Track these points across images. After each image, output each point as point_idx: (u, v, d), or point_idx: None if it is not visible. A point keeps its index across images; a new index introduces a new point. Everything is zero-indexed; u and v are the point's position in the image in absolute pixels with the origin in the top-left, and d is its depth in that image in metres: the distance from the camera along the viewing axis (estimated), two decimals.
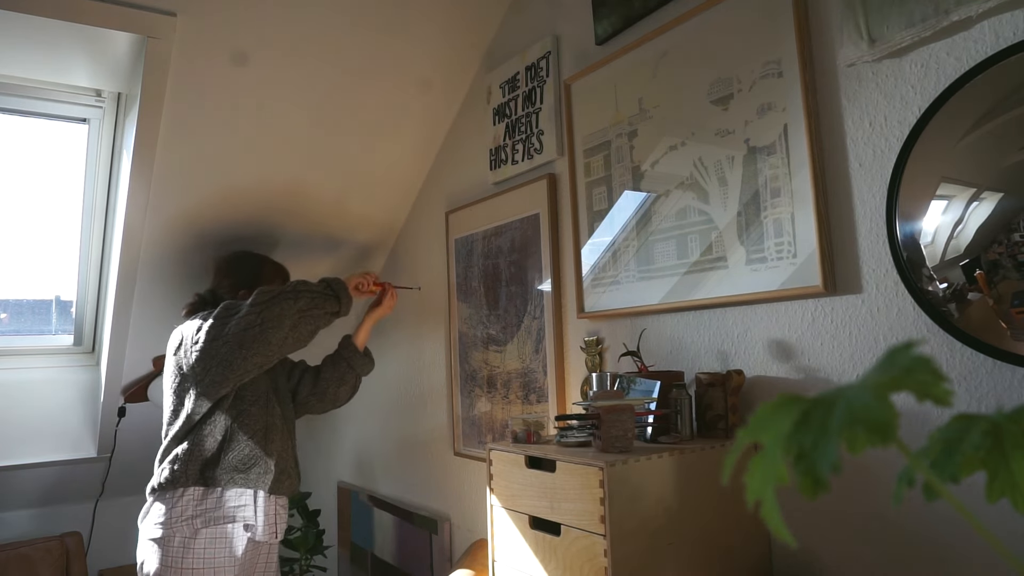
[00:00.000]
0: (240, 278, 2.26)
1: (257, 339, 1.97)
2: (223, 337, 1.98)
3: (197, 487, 1.96)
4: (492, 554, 1.60)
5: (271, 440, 2.07)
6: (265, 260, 2.36)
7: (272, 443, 2.07)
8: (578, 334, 2.00)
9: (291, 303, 2.01)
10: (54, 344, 2.86)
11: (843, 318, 1.38)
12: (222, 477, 1.97)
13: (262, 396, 2.09)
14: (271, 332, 1.97)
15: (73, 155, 2.62)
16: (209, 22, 1.98)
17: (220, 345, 1.97)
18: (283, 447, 2.11)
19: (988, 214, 1.14)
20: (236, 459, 1.99)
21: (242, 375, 1.99)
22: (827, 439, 0.41)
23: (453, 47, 2.40)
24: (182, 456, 1.97)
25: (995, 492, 0.47)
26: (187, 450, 1.98)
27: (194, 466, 1.96)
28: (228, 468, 1.98)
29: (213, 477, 1.97)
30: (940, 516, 1.22)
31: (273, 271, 2.34)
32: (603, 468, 1.28)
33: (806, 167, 1.40)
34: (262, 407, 2.08)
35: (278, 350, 2.01)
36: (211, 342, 1.98)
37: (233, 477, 1.98)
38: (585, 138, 1.97)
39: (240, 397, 2.05)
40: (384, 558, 2.90)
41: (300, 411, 2.29)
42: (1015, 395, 1.15)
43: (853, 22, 1.34)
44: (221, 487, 1.97)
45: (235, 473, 1.98)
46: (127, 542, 3.21)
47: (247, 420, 2.04)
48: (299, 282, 2.10)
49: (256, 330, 1.97)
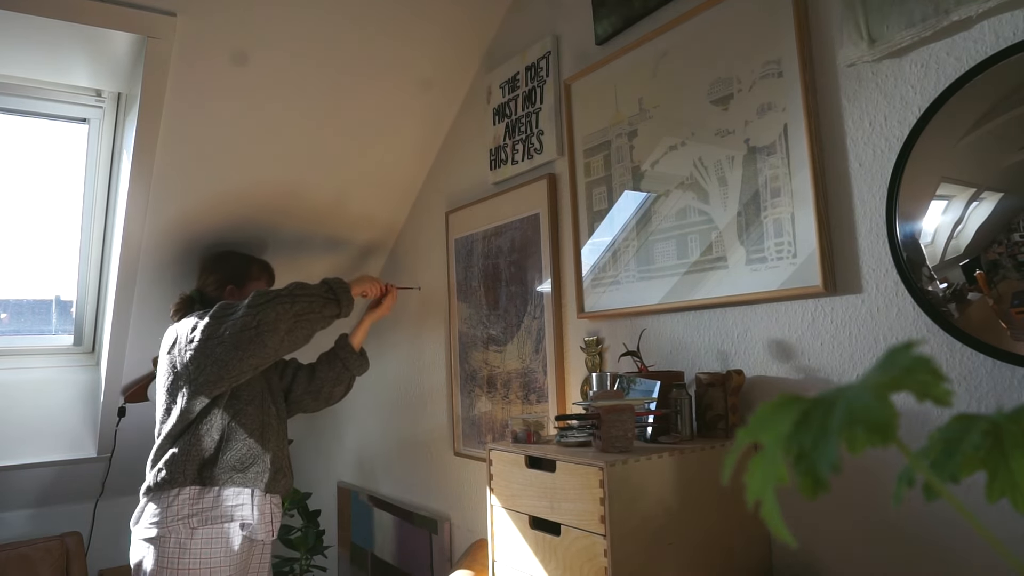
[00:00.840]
0: (226, 275, 2.27)
1: (253, 341, 1.95)
2: (218, 337, 1.97)
3: (194, 487, 1.95)
4: (492, 554, 1.60)
5: (267, 439, 2.07)
6: (251, 259, 2.37)
7: (268, 442, 2.07)
8: (578, 334, 2.00)
9: (287, 306, 2.00)
10: (54, 344, 2.86)
11: (843, 318, 1.38)
12: (220, 476, 1.97)
13: (257, 395, 2.09)
14: (267, 335, 1.96)
15: (73, 155, 2.62)
16: (209, 22, 1.98)
17: (215, 344, 1.96)
18: (278, 446, 2.11)
19: (988, 214, 1.14)
20: (234, 458, 1.99)
21: (237, 376, 1.99)
22: (827, 439, 0.41)
23: (453, 47, 2.40)
24: (179, 456, 1.96)
25: (995, 492, 0.47)
26: (184, 450, 1.97)
27: (192, 466, 1.96)
28: (226, 467, 1.98)
29: (211, 476, 1.96)
30: (940, 516, 1.22)
31: (259, 269, 2.35)
32: (603, 468, 1.28)
33: (806, 167, 1.40)
34: (258, 406, 2.08)
35: (274, 353, 2.00)
36: (206, 341, 1.97)
37: (231, 476, 1.98)
38: (585, 138, 1.97)
39: (236, 396, 2.05)
40: (384, 558, 2.90)
41: (293, 410, 2.29)
42: (1015, 395, 1.15)
43: (853, 22, 1.34)
44: (219, 486, 1.96)
45: (233, 472, 1.98)
46: (127, 542, 3.21)
47: (244, 419, 2.04)
48: (297, 285, 2.08)
49: (252, 332, 1.95)
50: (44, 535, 2.98)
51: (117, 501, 3.19)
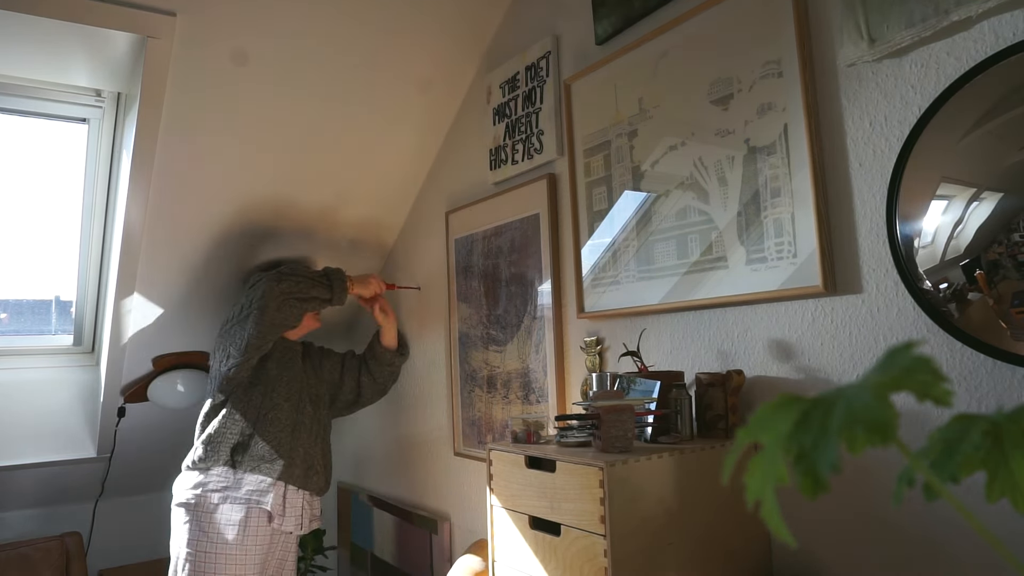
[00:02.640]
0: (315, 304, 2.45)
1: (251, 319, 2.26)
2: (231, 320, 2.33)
3: (225, 467, 2.18)
4: (492, 554, 1.60)
5: (298, 437, 2.28)
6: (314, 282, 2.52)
7: (299, 440, 2.28)
8: (578, 334, 2.00)
9: (274, 284, 2.26)
10: (54, 344, 2.86)
11: (843, 318, 1.38)
12: (248, 462, 2.18)
13: (295, 394, 2.34)
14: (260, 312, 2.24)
15: (73, 155, 2.62)
16: (209, 22, 1.98)
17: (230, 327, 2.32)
18: (311, 444, 2.32)
19: (988, 214, 1.14)
20: (264, 448, 2.21)
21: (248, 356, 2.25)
22: (827, 439, 0.41)
23: (453, 47, 2.40)
24: (214, 437, 2.21)
25: (995, 492, 0.47)
26: (219, 431, 2.22)
27: (225, 447, 2.19)
28: (255, 456, 2.19)
29: (241, 461, 2.18)
30: (940, 516, 1.22)
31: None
32: (603, 468, 1.28)
33: (806, 167, 1.40)
34: (294, 404, 2.32)
35: (269, 332, 2.27)
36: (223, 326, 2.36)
37: (259, 465, 2.19)
38: (585, 138, 1.97)
39: (272, 391, 2.29)
40: (384, 558, 2.90)
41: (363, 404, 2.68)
42: (1015, 395, 1.15)
43: (853, 22, 1.34)
44: (245, 471, 2.17)
45: (261, 462, 2.19)
46: (127, 542, 3.22)
47: (278, 414, 2.27)
48: (288, 267, 2.36)
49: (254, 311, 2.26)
50: (44, 535, 2.98)
51: (117, 501, 3.19)
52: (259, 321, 2.23)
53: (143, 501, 3.22)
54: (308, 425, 2.31)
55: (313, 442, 2.32)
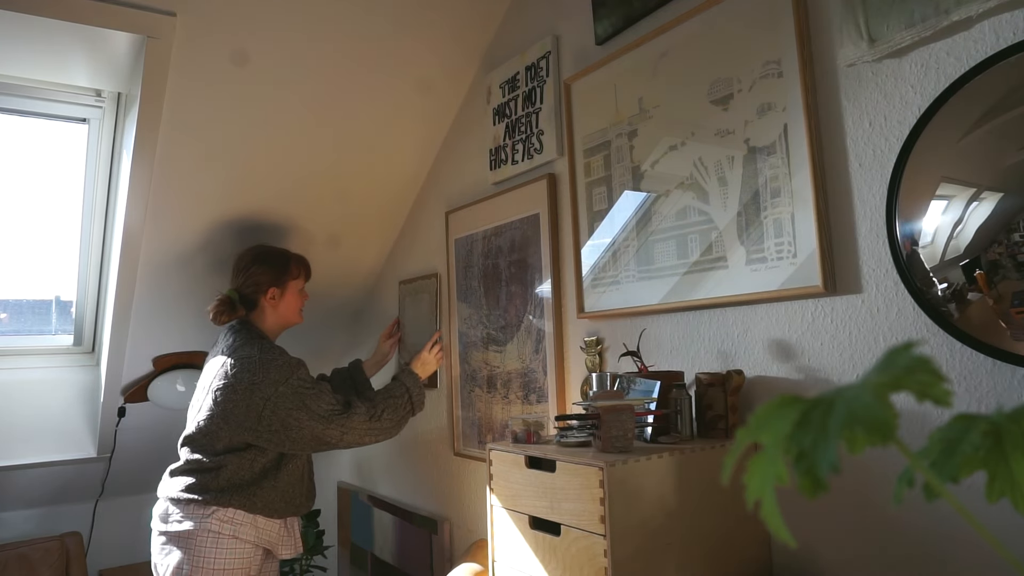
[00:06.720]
0: (269, 278, 2.27)
1: (326, 446, 2.09)
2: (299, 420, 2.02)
3: (228, 508, 2.03)
4: (492, 554, 1.60)
5: (307, 474, 2.22)
6: (289, 255, 2.35)
7: (307, 476, 2.22)
8: (578, 334, 2.00)
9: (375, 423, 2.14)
10: (54, 344, 2.87)
11: (843, 318, 1.38)
12: (257, 504, 2.05)
13: None
14: (339, 444, 2.09)
15: (73, 155, 2.62)
16: (209, 22, 1.98)
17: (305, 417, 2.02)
18: (312, 475, 2.26)
19: (988, 214, 1.14)
20: (276, 496, 2.09)
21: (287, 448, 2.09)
22: (827, 439, 0.41)
23: (453, 47, 2.40)
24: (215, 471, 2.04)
25: (995, 492, 0.47)
26: (232, 471, 2.05)
27: (228, 485, 2.04)
28: (266, 500, 2.07)
29: (250, 503, 2.04)
30: (940, 516, 1.22)
31: (298, 266, 2.34)
32: (603, 468, 1.28)
33: (806, 167, 1.40)
34: None
35: None
36: (288, 410, 2.01)
37: (270, 510, 2.08)
38: (585, 138, 1.97)
39: None
40: (384, 558, 2.90)
41: None
42: (1015, 395, 1.15)
43: (853, 22, 1.34)
44: (254, 514, 2.05)
45: (274, 505, 2.09)
46: (127, 542, 3.22)
47: (296, 461, 2.16)
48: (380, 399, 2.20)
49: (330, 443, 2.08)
50: (44, 535, 2.98)
51: (117, 501, 3.19)
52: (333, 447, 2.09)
53: (143, 501, 3.22)
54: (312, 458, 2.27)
55: (311, 470, 2.26)
